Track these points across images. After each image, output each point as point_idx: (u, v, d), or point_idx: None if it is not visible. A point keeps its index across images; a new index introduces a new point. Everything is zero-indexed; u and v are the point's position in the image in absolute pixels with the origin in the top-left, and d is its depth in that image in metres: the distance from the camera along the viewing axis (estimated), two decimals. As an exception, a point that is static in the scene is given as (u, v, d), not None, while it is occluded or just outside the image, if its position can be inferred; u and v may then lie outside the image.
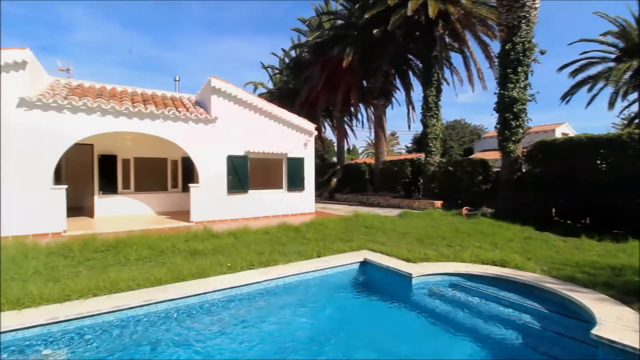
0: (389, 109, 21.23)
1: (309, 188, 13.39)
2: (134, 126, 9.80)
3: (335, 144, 31.80)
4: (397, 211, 13.09)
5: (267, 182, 13.92)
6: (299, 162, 13.06)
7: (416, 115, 19.93)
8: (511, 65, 10.75)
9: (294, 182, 12.93)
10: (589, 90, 23.27)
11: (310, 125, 13.33)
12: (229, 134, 11.34)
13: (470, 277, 5.10)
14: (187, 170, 12.94)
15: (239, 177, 11.49)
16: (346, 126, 26.11)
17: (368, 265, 5.90)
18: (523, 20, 10.50)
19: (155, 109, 10.00)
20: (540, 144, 10.39)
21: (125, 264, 5.63)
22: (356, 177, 21.53)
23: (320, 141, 25.95)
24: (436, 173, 15.32)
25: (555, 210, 10.29)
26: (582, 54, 22.92)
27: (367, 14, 14.88)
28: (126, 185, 12.51)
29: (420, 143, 18.61)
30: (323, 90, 19.79)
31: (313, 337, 3.93)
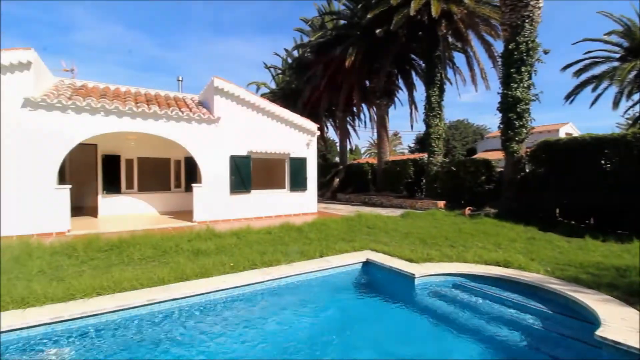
0: (391, 109, 21.19)
1: (312, 188, 13.39)
2: (138, 126, 9.84)
3: (337, 144, 31.79)
4: (399, 211, 13.06)
5: (269, 182, 13.93)
6: (302, 162, 13.06)
7: (419, 115, 19.90)
8: (515, 65, 10.70)
9: (297, 182, 12.94)
10: (593, 90, 23.13)
11: (312, 125, 13.34)
12: (231, 134, 11.37)
13: (474, 277, 5.08)
14: (190, 170, 12.97)
15: (242, 177, 11.51)
16: (349, 126, 26.13)
17: (371, 266, 5.89)
18: (527, 20, 10.45)
19: (159, 109, 10.04)
20: (544, 144, 10.34)
21: (128, 264, 5.65)
22: (359, 177, 21.50)
23: (322, 141, 25.96)
24: (439, 173, 15.27)
25: (559, 211, 10.24)
26: (586, 53, 22.81)
27: (370, 14, 14.87)
28: (129, 185, 12.57)
29: (423, 143, 18.59)
30: (325, 90, 19.80)
31: (315, 337, 3.93)
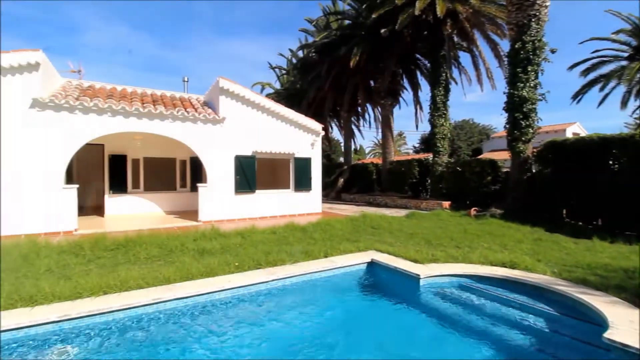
0: (396, 109, 21.14)
1: (316, 188, 13.39)
2: (144, 126, 9.92)
3: (342, 144, 31.79)
4: (404, 212, 13.02)
5: (274, 182, 13.97)
6: (306, 162, 13.08)
7: (424, 115, 19.83)
8: (521, 64, 10.60)
9: (301, 182, 12.95)
10: (601, 89, 22.88)
11: (317, 125, 13.34)
12: (236, 134, 11.41)
13: (479, 278, 5.05)
14: (196, 170, 13.05)
15: (247, 177, 11.55)
16: (353, 126, 26.07)
17: (375, 266, 5.88)
18: (533, 19, 10.35)
19: (165, 110, 10.11)
20: (551, 144, 10.25)
21: (134, 263, 5.70)
22: (363, 177, 21.47)
23: (327, 141, 25.95)
24: (444, 173, 15.19)
25: (566, 211, 10.13)
26: (594, 52, 22.58)
27: (375, 14, 14.82)
28: (136, 184, 12.67)
29: (428, 143, 18.51)
30: (330, 90, 19.78)
31: (320, 338, 3.93)
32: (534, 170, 11.20)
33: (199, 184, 10.89)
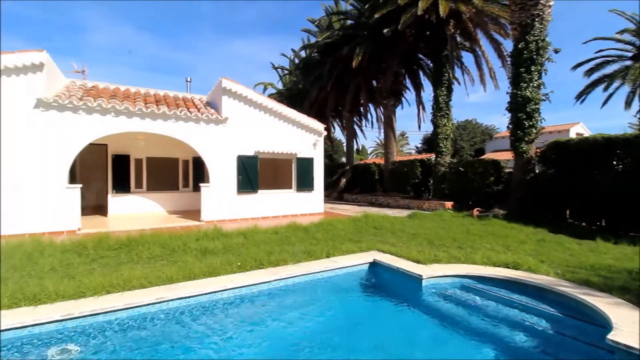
0: (398, 109, 21.11)
1: (318, 188, 13.40)
2: (147, 126, 9.96)
3: (344, 144, 31.77)
4: (406, 212, 13.00)
5: (276, 182, 13.99)
6: (309, 162, 13.08)
7: (426, 115, 19.75)
8: (524, 64, 10.56)
9: (303, 182, 12.96)
10: (605, 89, 22.75)
11: (319, 125, 13.34)
12: (239, 134, 11.43)
13: (482, 279, 5.03)
14: (198, 170, 13.09)
15: (249, 177, 11.57)
16: (355, 126, 26.07)
17: (377, 267, 5.87)
18: (537, 19, 10.31)
19: (168, 110, 10.14)
20: (555, 144, 10.20)
21: (137, 262, 5.72)
22: (365, 177, 21.46)
23: (329, 141, 25.95)
24: (447, 174, 15.15)
25: (569, 212, 10.08)
26: (598, 52, 22.44)
27: (377, 14, 14.81)
28: (139, 184, 12.72)
29: (431, 143, 18.46)
30: (332, 90, 19.79)
31: (322, 338, 3.93)
32: (537, 171, 11.15)
33: (201, 184, 10.92)
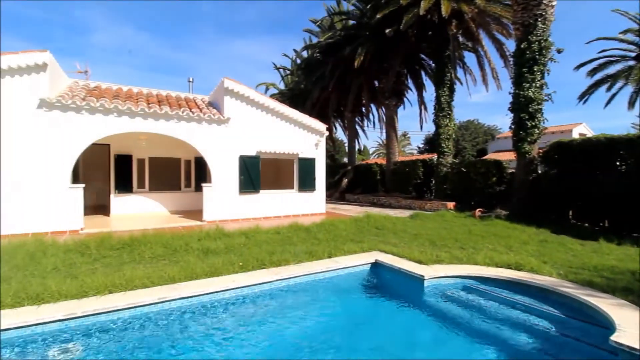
0: (400, 109, 21.00)
1: (320, 188, 13.40)
2: (149, 126, 9.99)
3: (346, 144, 31.73)
4: (408, 212, 12.98)
5: (278, 182, 13.99)
6: (310, 162, 13.08)
7: (428, 115, 19.89)
8: (527, 65, 10.53)
9: (305, 183, 12.96)
10: (608, 89, 22.65)
11: (321, 126, 13.35)
12: (241, 134, 11.45)
13: (484, 280, 5.02)
14: (200, 170, 13.13)
15: (251, 177, 11.58)
16: (357, 126, 26.04)
17: (379, 267, 5.87)
18: (539, 19, 10.28)
19: (170, 110, 10.17)
20: (557, 145, 10.16)
21: (140, 262, 5.74)
22: (367, 177, 21.44)
23: (331, 141, 25.95)
24: (449, 174, 15.13)
25: (572, 213, 10.04)
26: (601, 52, 22.34)
27: (379, 14, 14.80)
28: (141, 184, 12.75)
29: (433, 143, 18.44)
30: (334, 91, 19.78)
31: (323, 338, 3.93)
32: (539, 171, 11.11)
33: (203, 184, 10.94)
